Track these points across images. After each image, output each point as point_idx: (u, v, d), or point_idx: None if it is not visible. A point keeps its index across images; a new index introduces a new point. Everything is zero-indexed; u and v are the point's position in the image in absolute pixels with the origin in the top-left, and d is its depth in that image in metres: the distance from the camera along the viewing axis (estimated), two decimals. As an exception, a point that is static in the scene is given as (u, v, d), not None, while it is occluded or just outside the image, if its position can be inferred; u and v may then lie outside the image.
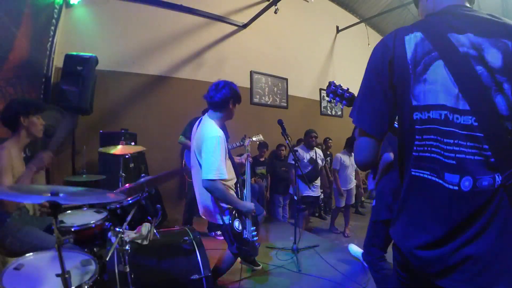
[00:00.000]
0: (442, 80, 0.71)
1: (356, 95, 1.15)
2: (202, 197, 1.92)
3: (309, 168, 3.75)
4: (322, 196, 3.90)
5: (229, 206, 1.86)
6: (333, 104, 6.50)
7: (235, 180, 2.00)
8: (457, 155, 0.70)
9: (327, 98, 1.16)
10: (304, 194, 3.72)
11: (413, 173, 0.78)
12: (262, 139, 2.51)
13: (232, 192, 1.92)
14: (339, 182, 4.13)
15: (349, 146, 4.16)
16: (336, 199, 4.26)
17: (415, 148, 0.77)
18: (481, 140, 0.68)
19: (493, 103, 0.67)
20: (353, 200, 4.47)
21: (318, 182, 3.87)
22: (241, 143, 2.96)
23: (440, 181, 0.72)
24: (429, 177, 0.74)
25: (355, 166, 3.83)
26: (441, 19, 0.76)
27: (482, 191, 0.68)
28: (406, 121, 0.78)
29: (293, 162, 3.60)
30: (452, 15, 0.75)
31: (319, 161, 3.85)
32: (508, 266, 0.69)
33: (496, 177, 0.67)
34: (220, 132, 1.82)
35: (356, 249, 2.76)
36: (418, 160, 0.77)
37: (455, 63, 0.70)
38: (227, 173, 1.81)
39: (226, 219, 1.84)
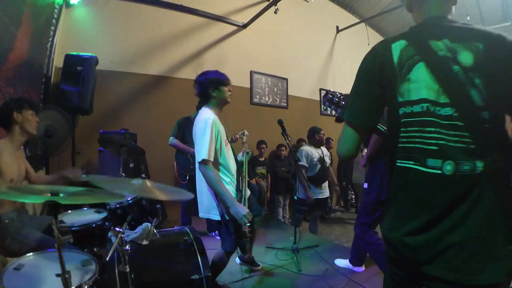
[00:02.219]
0: (424, 78, 0.81)
1: None
2: (203, 192, 1.88)
3: (319, 167, 3.54)
4: (329, 197, 3.74)
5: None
6: (330, 111, 6.52)
7: (235, 168, 1.98)
8: (438, 142, 0.78)
9: (324, 107, 1.25)
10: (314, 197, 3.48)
11: (398, 164, 0.86)
12: (247, 134, 2.50)
13: (231, 188, 1.87)
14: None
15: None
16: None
17: (400, 140, 0.86)
18: (461, 128, 0.76)
19: (469, 96, 0.77)
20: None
21: (326, 182, 3.70)
22: (232, 139, 2.92)
23: (424, 168, 0.79)
24: (413, 166, 0.82)
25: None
26: (422, 29, 0.88)
27: (464, 175, 0.75)
28: (393, 117, 0.88)
29: (303, 164, 3.43)
30: (432, 25, 0.87)
31: (327, 160, 3.69)
32: (494, 254, 0.73)
33: (477, 163, 0.74)
34: (211, 115, 1.83)
35: (342, 261, 2.74)
36: (403, 151, 0.85)
37: (434, 64, 0.81)
38: (226, 160, 1.82)
39: (227, 214, 1.80)
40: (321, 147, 3.70)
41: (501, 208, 0.74)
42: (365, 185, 2.46)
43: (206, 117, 1.81)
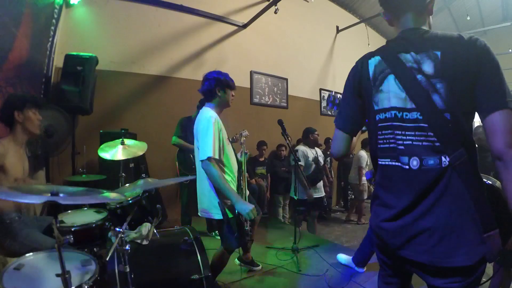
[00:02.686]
0: (393, 88, 0.94)
1: None
2: (204, 191, 1.87)
3: (313, 167, 3.61)
4: (325, 196, 3.79)
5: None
6: (331, 112, 6.59)
7: (236, 168, 1.99)
8: (405, 142, 0.92)
9: (326, 108, 1.39)
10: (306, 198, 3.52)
11: (380, 162, 1.01)
12: (247, 133, 2.53)
13: (233, 186, 1.87)
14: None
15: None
16: None
17: (379, 141, 1.00)
18: (426, 129, 0.88)
19: (432, 101, 0.87)
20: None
21: (321, 182, 3.75)
22: (235, 138, 2.94)
23: (398, 164, 0.94)
24: (390, 162, 0.97)
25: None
26: (395, 43, 0.99)
27: (429, 168, 0.87)
28: (372, 123, 1.02)
29: (301, 164, 3.43)
30: (403, 39, 0.97)
31: (321, 160, 3.76)
32: (465, 239, 0.82)
33: (443, 157, 0.86)
34: (213, 114, 1.85)
35: (344, 257, 2.77)
36: (381, 151, 1.00)
37: (402, 75, 0.92)
38: (228, 158, 1.83)
39: (230, 212, 1.81)
40: (315, 148, 3.75)
41: (470, 195, 0.83)
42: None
43: (209, 115, 1.82)
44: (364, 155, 4.87)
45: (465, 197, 0.83)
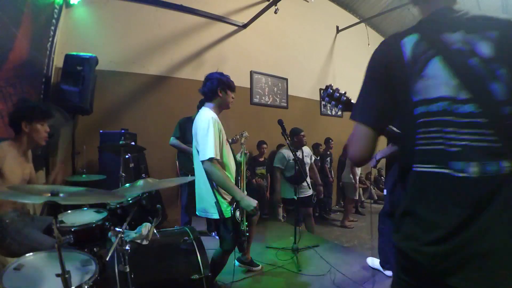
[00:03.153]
0: (440, 74, 0.75)
1: (352, 100, 1.18)
2: (202, 191, 1.89)
3: (296, 168, 3.60)
4: (314, 194, 3.86)
5: (228, 198, 1.84)
6: (328, 107, 6.52)
7: (235, 169, 2.00)
8: (458, 143, 0.72)
9: (323, 102, 1.17)
10: (288, 197, 3.76)
11: (417, 169, 0.79)
12: (248, 135, 2.57)
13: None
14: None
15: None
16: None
17: (417, 142, 0.79)
18: (482, 126, 0.71)
19: (489, 90, 0.71)
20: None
21: (307, 180, 3.79)
22: (234, 139, 2.95)
23: (446, 171, 0.73)
24: (435, 169, 0.75)
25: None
26: (434, 21, 0.82)
27: (488, 177, 0.69)
28: (407, 119, 0.81)
29: (279, 166, 3.74)
30: (444, 17, 0.81)
31: (308, 160, 3.81)
32: None
33: (501, 163, 0.68)
34: (213, 115, 1.85)
35: (373, 262, 2.72)
36: (421, 155, 0.78)
37: (450, 59, 0.75)
38: (227, 159, 1.83)
39: (227, 212, 1.82)
40: (302, 148, 3.81)
41: None
42: (385, 192, 2.49)
43: (208, 116, 1.82)
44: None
45: None
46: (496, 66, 0.72)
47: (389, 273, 2.52)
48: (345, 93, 1.20)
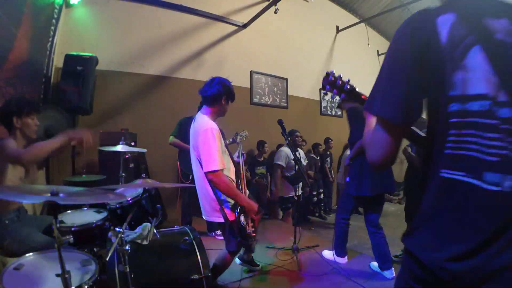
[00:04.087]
0: (482, 67, 0.63)
1: (355, 88, 1.06)
2: (204, 196, 1.91)
3: (296, 168, 3.69)
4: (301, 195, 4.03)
5: (231, 202, 1.85)
6: (328, 100, 6.44)
7: (234, 171, 2.02)
8: (500, 151, 0.62)
9: (323, 91, 1.07)
10: (290, 195, 3.90)
11: (444, 175, 0.68)
12: (248, 134, 2.59)
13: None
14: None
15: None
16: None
17: (448, 145, 0.68)
18: None
19: None
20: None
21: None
22: (233, 139, 2.96)
23: (479, 183, 0.64)
24: (465, 178, 0.65)
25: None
26: (474, 1, 0.70)
27: None
28: (439, 114, 0.69)
29: (280, 164, 3.82)
30: None
31: (303, 161, 3.93)
32: None
33: None
34: (213, 125, 1.84)
35: (328, 253, 2.91)
36: (451, 159, 0.67)
37: (493, 50, 0.63)
38: (226, 164, 1.84)
39: (230, 215, 1.84)
40: (298, 150, 3.86)
41: None
42: (348, 179, 2.71)
43: (209, 126, 1.81)
44: None
45: None
46: None
47: (390, 271, 2.51)
48: (348, 80, 1.07)
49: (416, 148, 2.89)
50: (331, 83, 1.03)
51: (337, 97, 1.04)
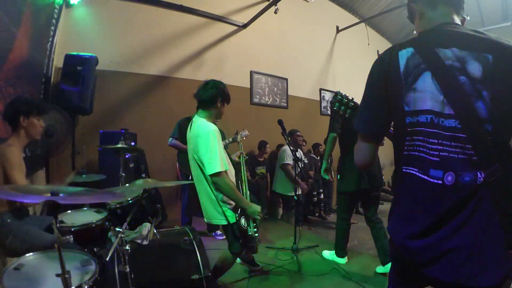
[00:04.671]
0: (430, 88, 0.81)
1: (358, 104, 1.25)
2: (206, 199, 1.90)
3: (297, 168, 3.67)
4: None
5: (233, 204, 1.86)
6: (328, 100, 6.50)
7: (233, 173, 2.03)
8: (440, 153, 0.80)
9: (334, 108, 1.20)
10: (290, 194, 3.91)
11: (403, 170, 0.88)
12: (248, 134, 2.60)
13: None
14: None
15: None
16: None
17: (405, 148, 0.87)
18: (464, 140, 0.77)
19: (473, 108, 0.77)
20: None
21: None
22: (233, 138, 2.97)
23: (426, 177, 0.82)
24: (417, 173, 0.84)
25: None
26: (430, 36, 0.87)
27: (464, 185, 0.77)
28: (399, 125, 0.89)
29: (287, 162, 3.76)
30: (440, 32, 0.86)
31: (304, 161, 3.95)
32: (492, 259, 0.76)
33: (478, 174, 0.76)
34: (214, 127, 1.84)
35: (327, 253, 2.91)
36: (407, 159, 0.87)
37: (441, 74, 0.80)
38: (226, 165, 1.83)
39: (232, 217, 1.84)
40: (298, 149, 3.94)
41: (500, 215, 0.75)
42: (338, 177, 2.79)
43: (211, 129, 1.81)
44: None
45: (495, 216, 0.76)
46: (483, 87, 0.77)
47: (343, 260, 2.71)
48: (352, 98, 1.27)
49: None
50: (340, 101, 1.22)
51: (345, 113, 1.18)
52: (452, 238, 0.77)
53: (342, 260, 2.76)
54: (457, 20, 0.89)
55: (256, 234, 1.93)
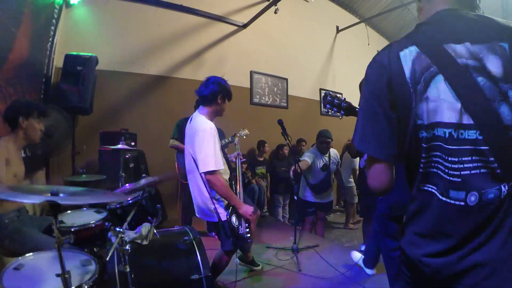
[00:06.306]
0: (444, 96, 0.69)
1: (351, 103, 1.18)
2: (198, 195, 1.92)
3: (322, 176, 3.41)
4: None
5: (225, 202, 1.86)
6: (331, 114, 6.48)
7: (229, 175, 2.03)
8: (461, 172, 0.69)
9: (325, 110, 1.18)
10: (315, 201, 3.46)
11: (422, 187, 0.77)
12: (248, 132, 2.56)
13: None
14: None
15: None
16: None
17: (421, 165, 0.75)
18: (486, 153, 0.67)
19: (497, 114, 0.66)
20: None
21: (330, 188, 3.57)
22: (231, 139, 2.97)
23: (445, 199, 0.72)
24: (436, 192, 0.74)
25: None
26: (434, 28, 0.74)
27: (488, 203, 0.67)
28: (412, 140, 0.76)
29: (306, 160, 3.29)
30: (445, 22, 0.73)
31: (333, 166, 3.49)
32: None
33: (502, 187, 0.67)
34: (211, 124, 1.84)
35: (357, 256, 2.72)
36: (425, 176, 0.76)
37: (455, 77, 0.68)
38: (222, 165, 1.84)
39: (224, 214, 1.85)
40: (329, 152, 3.48)
41: None
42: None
43: (207, 126, 1.81)
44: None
45: None
46: (508, 86, 0.66)
47: (370, 271, 2.55)
48: (344, 99, 1.19)
49: None
50: (330, 102, 1.14)
51: (339, 114, 1.16)
52: (475, 254, 0.70)
53: (369, 271, 2.60)
54: (462, 3, 0.76)
55: (248, 235, 1.92)
